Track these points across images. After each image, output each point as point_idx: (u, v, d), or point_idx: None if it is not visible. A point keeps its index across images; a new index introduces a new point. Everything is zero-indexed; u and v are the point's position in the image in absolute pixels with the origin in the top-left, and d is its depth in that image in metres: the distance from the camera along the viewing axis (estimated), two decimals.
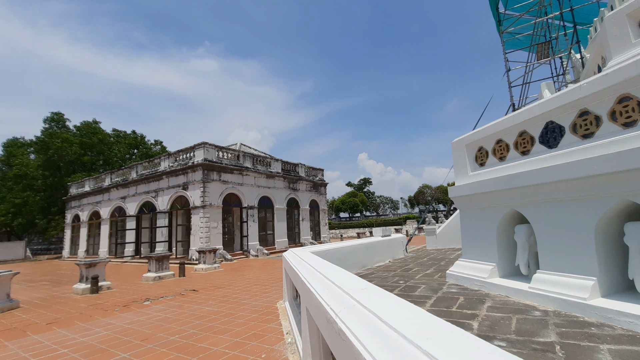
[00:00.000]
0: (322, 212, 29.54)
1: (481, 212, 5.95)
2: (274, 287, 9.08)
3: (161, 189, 21.19)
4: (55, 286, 12.25)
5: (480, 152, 6.12)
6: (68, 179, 32.76)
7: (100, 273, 10.46)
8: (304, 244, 25.50)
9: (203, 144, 19.14)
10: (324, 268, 3.49)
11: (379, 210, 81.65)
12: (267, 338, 4.73)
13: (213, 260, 14.54)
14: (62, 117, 38.47)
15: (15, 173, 32.92)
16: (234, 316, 6.17)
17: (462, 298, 4.93)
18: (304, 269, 3.90)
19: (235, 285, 9.87)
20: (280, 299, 7.48)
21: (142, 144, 42.44)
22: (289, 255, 6.24)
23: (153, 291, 9.70)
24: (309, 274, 3.49)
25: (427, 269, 8.14)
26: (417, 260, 10.33)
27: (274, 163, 24.45)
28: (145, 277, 12.01)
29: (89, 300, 8.82)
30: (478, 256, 5.96)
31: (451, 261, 9.69)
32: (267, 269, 13.61)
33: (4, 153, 36.98)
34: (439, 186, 64.19)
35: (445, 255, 11.50)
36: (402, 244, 12.45)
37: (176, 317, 6.43)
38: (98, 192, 26.78)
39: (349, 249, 8.82)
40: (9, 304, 8.11)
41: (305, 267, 3.99)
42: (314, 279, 3.07)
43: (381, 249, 10.87)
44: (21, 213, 32.62)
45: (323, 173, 30.87)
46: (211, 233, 18.44)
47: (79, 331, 5.82)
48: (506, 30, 15.67)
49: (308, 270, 3.73)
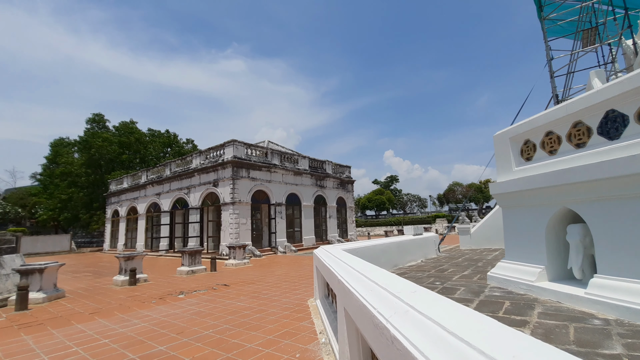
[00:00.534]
0: (349, 210, 29.30)
1: (527, 210, 5.53)
2: (303, 285, 9.02)
3: (193, 185, 21.85)
4: (97, 277, 12.94)
5: (527, 145, 5.69)
6: (108, 176, 34.66)
7: (137, 266, 10.89)
8: (331, 242, 25.41)
9: (232, 141, 19.49)
10: (362, 267, 3.33)
11: (406, 208, 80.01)
12: (300, 337, 4.64)
13: (243, 256, 14.77)
14: (103, 117, 40.74)
15: (62, 171, 35.28)
16: (265, 313, 6.15)
17: (507, 302, 4.59)
18: (340, 268, 3.76)
19: (265, 281, 9.93)
20: (310, 297, 7.40)
21: (174, 142, 44.11)
22: (320, 252, 6.12)
23: (186, 284, 9.96)
24: (345, 272, 3.34)
25: (463, 270, 7.75)
26: (452, 261, 9.89)
27: (301, 160, 24.50)
28: (179, 270, 12.40)
29: (127, 292, 9.19)
30: (523, 258, 5.55)
31: (489, 262, 9.19)
32: (296, 265, 13.62)
33: (51, 152, 39.73)
34: (471, 184, 61.82)
35: (482, 256, 10.95)
36: (434, 244, 12.02)
37: (209, 311, 6.51)
38: (135, 189, 28.10)
39: (381, 247, 8.59)
40: (55, 293, 8.61)
41: (340, 266, 3.85)
42: (353, 278, 2.92)
43: (413, 248, 10.53)
44: (67, 208, 34.96)
45: (350, 170, 30.58)
46: (240, 229, 18.78)
47: (119, 322, 6.03)
48: (548, 16, 14.64)
49: (344, 268, 3.58)
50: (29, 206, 42.03)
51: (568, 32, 16.23)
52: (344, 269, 3.59)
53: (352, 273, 3.19)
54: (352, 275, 3.10)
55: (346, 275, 3.17)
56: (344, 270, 3.56)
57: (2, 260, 9.13)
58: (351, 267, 3.49)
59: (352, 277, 3.00)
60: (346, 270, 3.47)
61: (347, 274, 3.20)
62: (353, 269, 3.31)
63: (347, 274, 3.24)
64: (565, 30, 16.47)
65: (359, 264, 3.68)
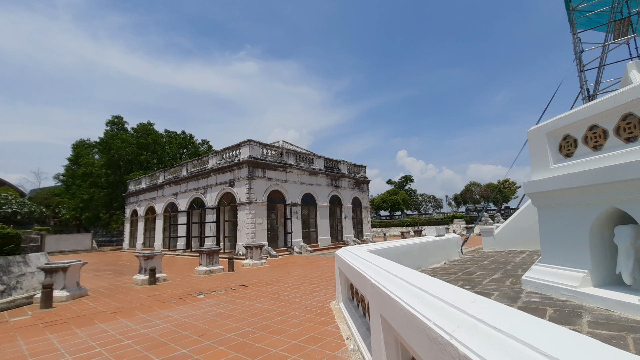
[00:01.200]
0: (364, 210, 28.96)
1: (568, 210, 5.17)
2: (323, 286, 8.84)
3: (209, 185, 22.00)
4: (117, 276, 13.11)
5: (566, 141, 5.33)
6: (127, 176, 35.39)
7: (157, 265, 10.94)
8: (347, 242, 25.14)
9: (248, 141, 19.50)
10: (397, 270, 3.10)
11: (421, 209, 78.80)
12: (326, 342, 4.44)
13: (259, 256, 14.71)
14: (122, 119, 41.68)
15: (83, 171, 36.26)
16: (287, 315, 5.99)
17: (550, 310, 4.27)
18: (371, 270, 3.54)
19: (284, 282, 9.79)
20: (332, 299, 7.20)
21: (190, 143, 44.72)
22: (343, 254, 5.92)
23: (205, 284, 9.93)
24: (380, 276, 3.12)
25: (492, 273, 7.40)
26: (477, 263, 9.51)
27: (316, 160, 24.35)
28: (197, 270, 12.42)
29: (147, 291, 9.21)
30: (563, 261, 5.20)
31: (518, 265, 8.77)
32: (313, 266, 13.45)
33: (73, 154, 40.91)
34: (489, 184, 60.34)
35: (508, 258, 10.51)
36: (457, 245, 11.63)
37: (230, 312, 6.40)
38: (153, 189, 28.57)
39: (403, 248, 8.31)
40: (79, 291, 8.71)
41: (371, 268, 3.63)
42: (391, 283, 2.70)
43: (435, 250, 10.19)
44: (88, 208, 35.90)
45: (365, 170, 30.24)
46: (256, 229, 18.76)
47: (140, 322, 5.98)
48: (577, 7, 13.99)
49: (376, 271, 3.36)
50: (52, 206, 43.40)
51: (596, 23, 15.50)
52: (376, 272, 3.37)
53: (387, 277, 2.97)
54: (388, 279, 2.88)
55: (381, 279, 2.95)
56: (376, 273, 3.34)
57: (28, 258, 9.31)
58: (385, 270, 3.27)
59: (390, 281, 2.78)
60: (379, 273, 3.25)
61: (383, 278, 2.99)
62: (388, 272, 3.09)
63: (382, 277, 3.02)
64: (593, 22, 15.74)
65: (392, 266, 3.46)
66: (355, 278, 4.43)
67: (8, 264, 8.57)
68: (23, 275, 8.83)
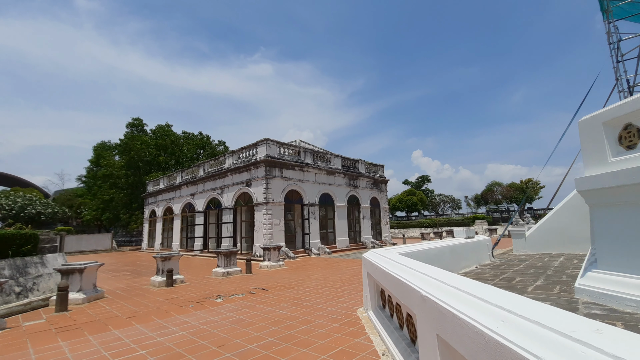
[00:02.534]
0: (382, 211, 28.26)
1: (631, 209, 4.51)
2: (346, 291, 8.34)
3: (226, 185, 21.86)
4: (135, 277, 13.00)
5: (628, 131, 4.67)
6: (146, 177, 35.87)
7: (174, 266, 10.72)
8: (365, 244, 24.53)
9: (265, 140, 19.22)
10: (456, 281, 2.59)
11: (438, 209, 77.00)
12: (360, 358, 3.95)
13: (277, 257, 14.34)
14: (141, 122, 42.39)
15: (104, 173, 37.01)
16: (312, 324, 5.53)
17: (620, 324, 3.65)
18: (418, 279, 3.03)
19: (305, 286, 9.35)
20: (358, 305, 6.70)
21: (207, 144, 45.05)
22: (375, 257, 5.42)
23: (223, 287, 9.61)
24: (433, 287, 2.61)
25: (534, 280, 6.73)
26: (513, 268, 8.80)
27: (334, 159, 23.86)
28: (214, 272, 12.15)
29: (164, 294, 8.96)
30: (627, 268, 4.54)
31: (559, 270, 8.03)
32: (333, 269, 12.97)
33: (94, 155, 41.88)
34: (511, 183, 58.24)
35: (545, 262, 9.73)
36: (487, 248, 10.92)
37: (250, 319, 6.01)
38: (171, 190, 28.75)
39: (434, 251, 7.73)
40: (95, 293, 8.53)
41: (418, 277, 3.11)
42: (454, 298, 2.19)
43: (466, 253, 9.54)
44: (108, 208, 36.60)
45: (383, 170, 29.54)
46: (274, 230, 18.42)
47: (156, 329, 5.66)
48: None
49: (427, 281, 2.85)
50: (75, 206, 44.58)
51: (627, 13, 14.47)
52: (425, 281, 2.86)
53: (444, 288, 2.46)
54: (446, 292, 2.37)
55: (437, 292, 2.44)
56: (426, 282, 2.83)
57: (45, 259, 9.22)
58: (435, 279, 2.76)
59: (450, 295, 2.27)
60: (430, 283, 2.74)
61: (438, 290, 2.48)
62: (442, 282, 2.58)
63: (436, 289, 2.52)
64: (625, 12, 14.70)
65: (443, 274, 2.94)
66: (393, 286, 3.93)
67: (25, 265, 8.48)
68: (40, 277, 8.73)
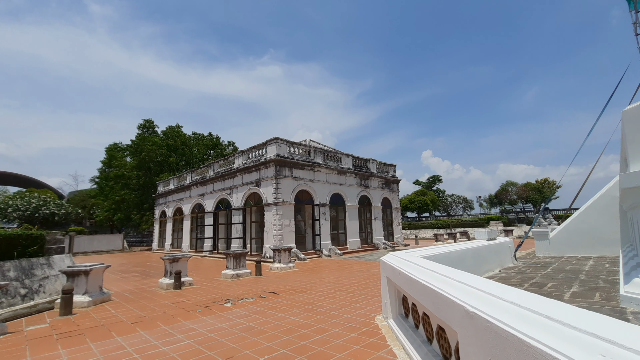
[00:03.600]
0: (394, 211, 27.61)
1: None
2: (361, 295, 7.85)
3: (235, 186, 21.57)
4: (144, 278, 12.74)
5: None
6: (156, 178, 35.96)
7: (182, 268, 10.39)
8: (377, 245, 23.94)
9: (275, 139, 18.85)
10: (509, 294, 2.09)
11: (450, 210, 75.61)
12: None
13: (288, 259, 13.92)
14: (152, 123, 42.60)
15: (115, 174, 37.25)
16: (328, 334, 5.06)
17: None
18: (458, 290, 2.52)
19: (317, 289, 8.89)
20: (376, 312, 6.21)
21: (217, 144, 45.04)
22: (395, 261, 4.92)
23: (232, 290, 9.22)
24: (482, 301, 2.11)
25: (568, 286, 6.12)
26: (540, 272, 8.17)
27: (344, 158, 23.36)
28: (223, 274, 11.79)
29: (172, 297, 8.61)
30: None
31: (593, 275, 7.38)
32: (345, 271, 12.48)
33: (106, 156, 42.26)
34: (527, 183, 56.63)
35: (574, 266, 9.06)
36: (509, 250, 10.28)
37: (261, 327, 5.57)
38: (180, 190, 28.66)
39: (456, 254, 7.18)
40: (101, 296, 8.23)
41: (456, 286, 2.61)
42: (515, 316, 1.70)
43: (489, 256, 8.94)
44: (120, 209, 36.82)
45: (395, 169, 28.89)
46: (284, 231, 18.02)
47: (161, 336, 5.28)
48: None
49: (471, 293, 2.35)
50: (88, 207, 45.07)
51: None
52: (468, 293, 2.36)
53: (495, 302, 1.96)
54: (501, 307, 1.87)
55: (488, 307, 1.94)
56: (469, 294, 2.33)
57: (52, 260, 8.98)
58: (482, 291, 2.25)
59: (509, 313, 1.77)
60: (476, 296, 2.23)
61: (489, 305, 1.98)
62: (491, 295, 2.08)
63: (487, 304, 2.01)
64: None
65: (487, 284, 2.43)
66: (420, 294, 3.43)
67: (31, 267, 8.23)
68: (46, 279, 8.48)
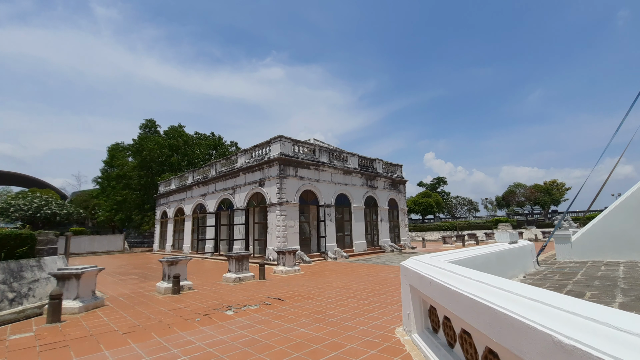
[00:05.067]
0: (401, 213, 26.91)
1: None
2: (375, 303, 7.22)
3: (238, 186, 20.99)
4: (141, 281, 12.16)
5: None
6: (158, 178, 35.47)
7: (181, 272, 9.80)
8: (383, 248, 23.26)
9: (279, 137, 18.26)
10: (605, 315, 1.48)
11: (454, 212, 74.74)
12: None
13: (292, 262, 13.29)
14: (154, 123, 42.20)
15: (117, 173, 36.83)
16: (343, 350, 4.43)
17: None
18: (526, 307, 1.90)
19: (325, 295, 8.26)
20: (393, 323, 5.57)
21: (220, 144, 44.55)
22: (422, 267, 4.29)
23: (234, 296, 8.61)
24: (579, 330, 1.50)
25: (611, 296, 5.44)
26: (570, 279, 7.49)
27: (350, 158, 22.73)
28: (225, 277, 11.19)
29: (169, 303, 8.01)
30: None
31: (632, 283, 6.68)
32: (353, 275, 11.84)
33: (108, 156, 41.87)
34: (535, 185, 55.64)
35: (605, 271, 8.36)
36: (532, 254, 9.61)
37: (266, 340, 4.95)
38: (182, 190, 28.12)
39: (481, 259, 6.54)
40: (93, 301, 7.64)
41: (524, 304, 1.98)
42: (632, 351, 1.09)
43: (511, 260, 8.27)
44: (121, 209, 36.35)
45: (401, 170, 28.23)
46: (288, 232, 17.40)
47: (154, 350, 4.68)
48: None
49: (557, 318, 1.74)
50: (90, 207, 44.71)
51: None
52: (546, 314, 1.73)
53: (597, 330, 1.35)
54: (621, 342, 1.26)
55: (606, 346, 1.33)
56: (547, 315, 1.70)
57: (43, 262, 8.41)
58: (568, 312, 1.64)
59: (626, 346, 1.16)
60: (568, 322, 1.62)
61: (598, 338, 1.36)
62: (590, 320, 1.47)
63: (591, 334, 1.40)
64: None
65: (573, 303, 1.81)
66: (458, 306, 2.80)
67: (20, 269, 7.67)
68: (36, 282, 7.91)
